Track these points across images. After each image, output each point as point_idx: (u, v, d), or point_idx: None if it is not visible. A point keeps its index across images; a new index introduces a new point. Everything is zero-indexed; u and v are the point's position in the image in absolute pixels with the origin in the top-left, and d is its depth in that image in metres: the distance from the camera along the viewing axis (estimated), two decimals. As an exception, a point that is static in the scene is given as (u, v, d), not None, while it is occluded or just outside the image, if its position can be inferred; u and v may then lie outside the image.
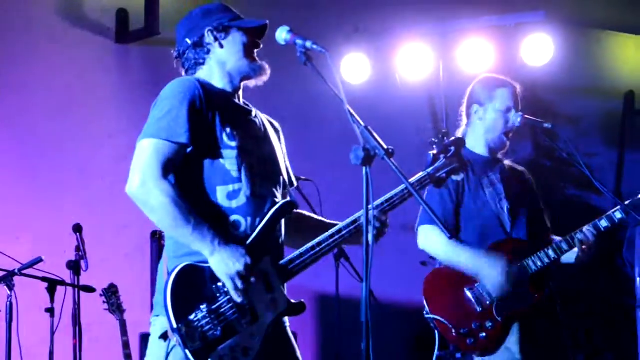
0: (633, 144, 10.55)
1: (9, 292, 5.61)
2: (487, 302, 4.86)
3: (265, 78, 3.93)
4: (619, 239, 8.25)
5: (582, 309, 9.10)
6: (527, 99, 9.52)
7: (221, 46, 3.87)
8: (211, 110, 3.70)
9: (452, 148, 3.97)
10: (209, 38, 3.87)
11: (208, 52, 3.87)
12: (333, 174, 7.87)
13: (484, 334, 4.82)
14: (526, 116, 5.14)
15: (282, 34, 3.55)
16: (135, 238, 7.17)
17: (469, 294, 4.86)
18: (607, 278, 9.28)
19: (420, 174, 3.91)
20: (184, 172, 3.67)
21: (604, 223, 4.99)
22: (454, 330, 4.81)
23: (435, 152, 3.96)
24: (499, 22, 7.94)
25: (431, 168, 3.94)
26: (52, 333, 6.18)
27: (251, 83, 3.93)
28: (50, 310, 6.19)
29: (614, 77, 10.65)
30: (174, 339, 3.49)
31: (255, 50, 3.92)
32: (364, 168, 3.19)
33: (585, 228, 4.95)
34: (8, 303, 5.64)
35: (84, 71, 7.84)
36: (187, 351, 3.47)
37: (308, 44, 3.47)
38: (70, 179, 7.59)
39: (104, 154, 7.54)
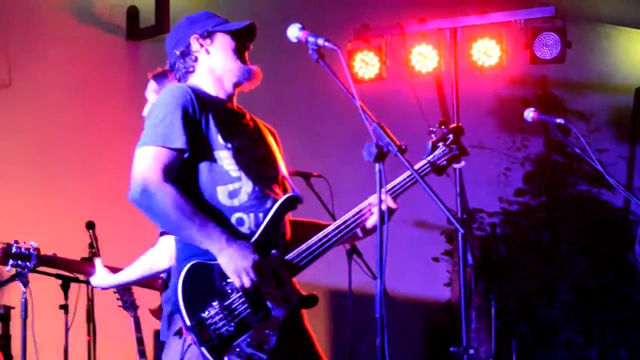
0: (644, 139, 10.56)
1: (23, 289, 5.61)
2: None
3: (257, 82, 3.92)
4: (630, 235, 8.24)
5: (595, 305, 9.11)
6: (537, 95, 9.63)
7: (207, 52, 3.87)
8: (204, 114, 3.71)
9: (451, 135, 3.98)
10: (195, 46, 3.87)
11: (196, 59, 3.88)
12: (344, 170, 7.88)
13: None
14: (539, 112, 5.13)
15: (293, 31, 3.54)
16: (149, 234, 7.18)
17: None
18: (618, 274, 9.29)
19: (420, 163, 3.92)
20: (183, 177, 3.68)
21: None
22: None
23: (434, 139, 3.97)
24: (509, 17, 7.94)
25: (431, 156, 3.95)
26: (67, 330, 6.20)
27: (244, 88, 3.92)
28: (65, 307, 6.21)
29: (624, 73, 10.66)
30: (189, 337, 3.51)
31: (246, 52, 3.92)
32: (376, 164, 3.19)
33: None
34: (23, 300, 5.64)
35: (95, 68, 7.87)
36: (202, 348, 3.48)
37: (320, 41, 3.46)
38: (83, 175, 7.61)
39: (116, 150, 7.54)
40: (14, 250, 5.08)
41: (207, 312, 3.52)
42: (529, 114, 5.13)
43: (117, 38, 8.06)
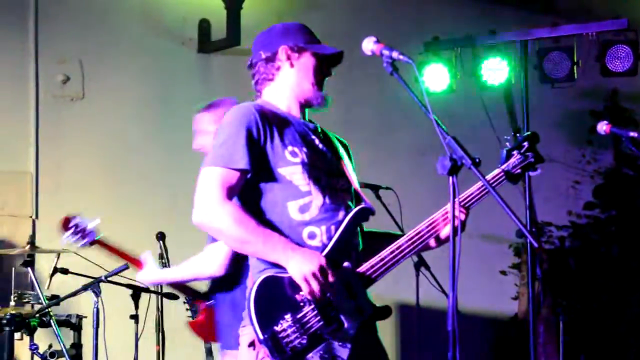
0: None
1: (95, 299, 5.68)
2: None
3: (324, 109, 3.90)
4: None
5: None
6: (608, 108, 9.54)
7: (292, 66, 3.85)
8: (270, 132, 3.70)
9: (526, 143, 3.96)
10: (281, 55, 3.85)
11: (278, 69, 3.87)
12: (413, 182, 7.87)
13: None
14: (612, 125, 5.09)
15: (368, 45, 3.54)
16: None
17: None
18: None
19: (495, 171, 3.88)
20: (249, 196, 3.69)
21: None
22: None
23: (509, 148, 3.95)
24: (580, 30, 7.88)
25: (506, 164, 3.92)
26: (137, 339, 6.27)
27: (311, 109, 3.91)
28: (135, 317, 6.29)
29: (697, 84, 10.51)
30: (262, 350, 3.52)
31: (325, 79, 3.90)
32: (450, 178, 3.19)
33: None
34: (95, 309, 5.71)
35: (166, 80, 7.96)
36: (275, 362, 3.49)
37: (394, 54, 3.46)
38: (153, 185, 7.68)
39: (186, 162, 7.62)
40: (77, 221, 5.27)
41: (279, 325, 3.51)
42: (602, 127, 5.09)
43: (188, 51, 8.14)
